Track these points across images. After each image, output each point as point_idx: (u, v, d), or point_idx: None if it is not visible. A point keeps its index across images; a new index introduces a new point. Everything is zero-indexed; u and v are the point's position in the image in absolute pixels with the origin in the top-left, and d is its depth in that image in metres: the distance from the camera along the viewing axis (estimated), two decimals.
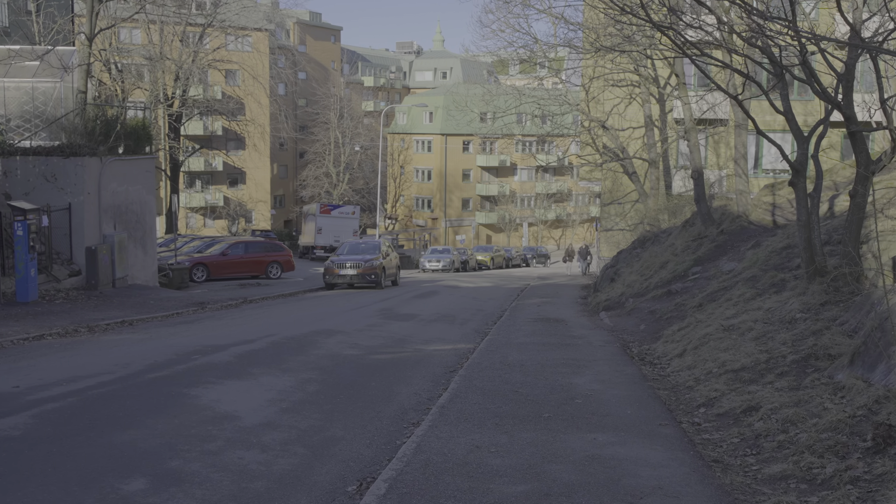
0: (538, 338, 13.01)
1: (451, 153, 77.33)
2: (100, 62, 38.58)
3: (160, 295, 19.25)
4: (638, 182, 30.86)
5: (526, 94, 34.91)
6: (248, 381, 8.76)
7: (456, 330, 14.79)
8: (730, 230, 18.30)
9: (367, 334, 13.34)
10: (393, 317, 16.54)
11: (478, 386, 8.63)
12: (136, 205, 20.87)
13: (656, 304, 15.49)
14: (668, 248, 20.10)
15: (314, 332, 13.12)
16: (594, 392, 8.36)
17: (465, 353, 11.79)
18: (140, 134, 20.90)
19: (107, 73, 38.52)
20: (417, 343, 12.65)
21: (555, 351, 11.50)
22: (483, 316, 17.68)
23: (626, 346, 12.38)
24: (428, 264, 44.04)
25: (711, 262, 16.87)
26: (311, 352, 10.99)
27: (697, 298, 14.38)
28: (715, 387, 8.41)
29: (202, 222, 65.04)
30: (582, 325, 15.13)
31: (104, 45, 38.18)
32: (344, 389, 8.61)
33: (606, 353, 11.51)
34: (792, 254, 14.70)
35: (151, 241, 21.75)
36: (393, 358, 11.01)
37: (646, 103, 30.16)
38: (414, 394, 8.63)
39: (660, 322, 14.15)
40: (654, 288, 16.98)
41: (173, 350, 10.64)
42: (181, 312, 16.33)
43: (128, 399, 7.70)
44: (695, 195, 19.04)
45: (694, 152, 19.04)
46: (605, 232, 36.15)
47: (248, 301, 19.75)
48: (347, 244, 28.21)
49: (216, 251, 30.32)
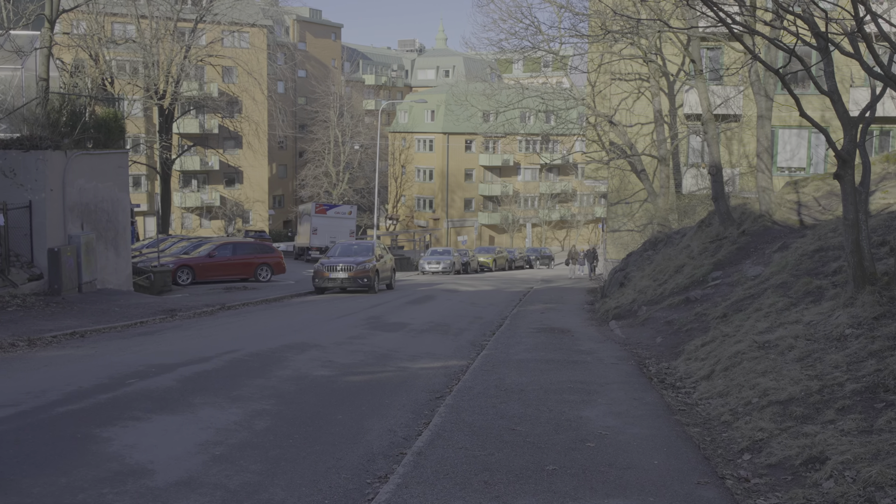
0: (541, 353, 11.41)
1: (454, 152, 75.69)
2: (91, 57, 37.23)
3: (130, 301, 17.67)
4: (647, 180, 29.24)
5: (529, 89, 33.37)
6: (184, 415, 7.15)
7: (449, 343, 13.19)
8: (752, 231, 16.67)
9: (347, 349, 11.74)
10: (380, 326, 14.94)
11: (466, 421, 7.04)
12: (107, 203, 19.30)
13: (673, 314, 13.87)
14: (682, 250, 18.47)
15: (286, 347, 11.52)
16: (610, 431, 6.75)
17: (456, 372, 10.19)
18: (112, 126, 19.33)
19: (96, 68, 37.09)
20: (403, 359, 11.05)
21: (560, 370, 9.89)
22: (481, 325, 16.08)
23: (642, 364, 10.77)
24: (427, 266, 42.43)
25: (733, 266, 15.25)
26: (275, 373, 9.38)
27: (721, 308, 12.76)
28: (759, 424, 6.79)
29: (198, 222, 63.53)
30: (590, 337, 13.51)
31: (93, 39, 36.78)
32: (302, 426, 7.01)
33: (620, 373, 9.90)
34: (826, 257, 13.08)
35: (125, 243, 20.17)
36: (371, 380, 9.41)
37: (655, 97, 28.55)
38: (388, 430, 7.03)
39: (679, 335, 12.53)
40: (669, 295, 15.36)
41: (109, 372, 9.05)
42: (146, 321, 14.76)
43: (13, 445, 6.08)
44: (713, 193, 17.45)
45: (712, 145, 17.46)
46: (611, 233, 34.50)
47: (226, 307, 18.16)
48: (339, 245, 26.61)
49: (202, 253, 28.76)
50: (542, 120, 52.43)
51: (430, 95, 75.86)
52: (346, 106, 70.17)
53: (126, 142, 21.02)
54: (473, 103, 31.73)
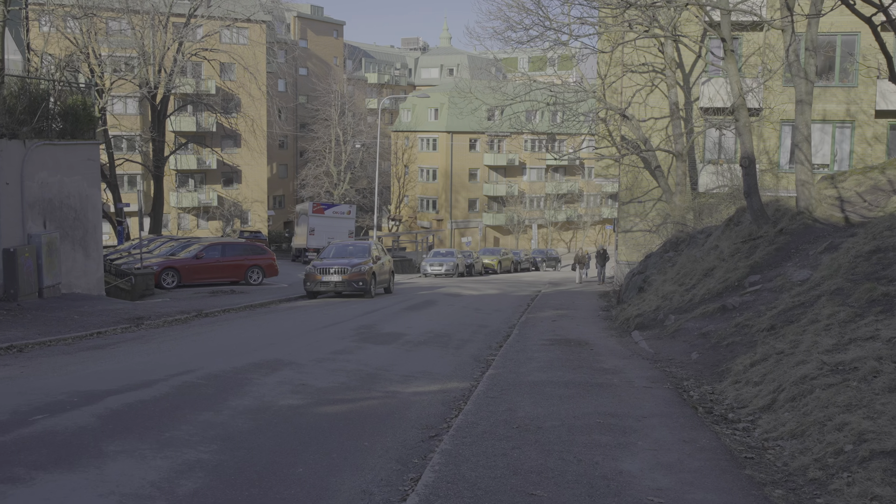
0: (558, 372, 9.58)
1: (458, 151, 73.81)
2: (79, 49, 35.54)
3: (96, 308, 15.88)
4: (662, 178, 27.40)
5: (538, 82, 31.58)
6: (84, 472, 5.32)
7: (449, 358, 11.37)
8: (791, 229, 14.81)
9: (328, 367, 9.92)
10: (372, 338, 13.11)
11: (468, 479, 5.22)
12: (75, 199, 17.52)
13: (708, 324, 12.02)
14: (710, 251, 16.62)
15: (254, 366, 9.70)
16: (665, 497, 4.92)
17: (456, 398, 8.38)
18: (80, 115, 17.54)
19: (85, 62, 35.47)
20: (393, 381, 9.23)
21: (584, 397, 8.07)
22: (486, 335, 14.26)
23: (681, 388, 8.94)
24: (430, 268, 40.59)
25: (773, 270, 13.39)
26: (230, 402, 7.57)
27: (766, 318, 10.91)
28: (870, 488, 4.96)
29: (195, 223, 61.77)
30: (613, 352, 11.67)
31: (84, 33, 35.09)
32: (245, 487, 5.19)
33: (657, 400, 8.07)
34: (886, 260, 11.23)
35: (95, 243, 18.38)
36: (350, 411, 7.59)
37: (671, 88, 26.74)
38: (361, 493, 5.20)
39: (718, 350, 10.69)
40: (701, 302, 13.51)
41: (17, 402, 7.23)
42: (104, 332, 12.96)
43: None
44: (745, 187, 15.60)
45: (744, 134, 15.63)
46: (623, 233, 32.61)
47: (203, 314, 16.36)
48: (333, 246, 24.75)
49: (189, 254, 26.99)
50: (549, 119, 50.55)
51: (433, 93, 74.04)
52: (349, 104, 68.36)
53: (98, 133, 19.22)
54: (478, 96, 29.89)
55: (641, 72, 28.36)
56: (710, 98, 29.53)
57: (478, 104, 29.03)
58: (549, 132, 50.70)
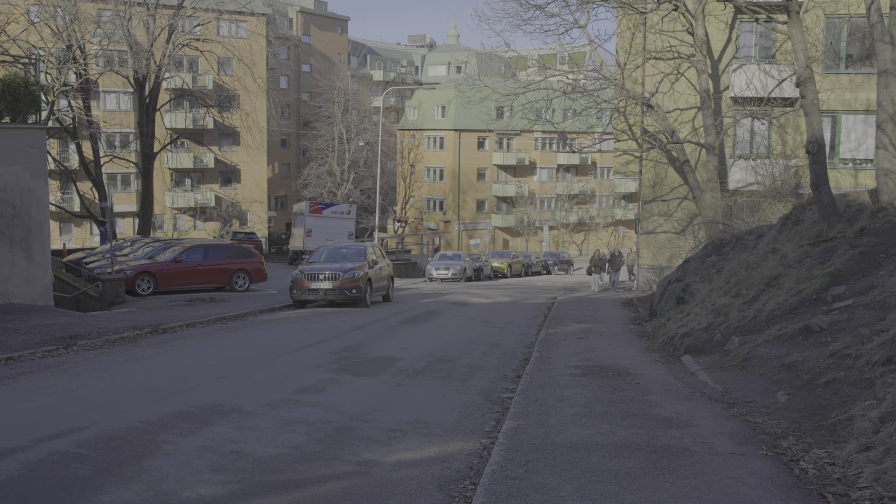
0: (603, 426, 6.83)
1: (466, 150, 71.00)
2: (61, 39, 33.05)
3: (30, 322, 13.21)
4: (691, 173, 24.67)
5: (551, 69, 28.88)
6: None
7: (451, 396, 8.62)
8: (874, 229, 12.02)
9: (283, 416, 7.19)
10: (355, 365, 10.37)
11: None
12: (13, 193, 14.87)
13: (791, 352, 9.23)
14: (767, 255, 13.83)
15: (178, 416, 6.96)
16: None
17: (458, 475, 5.65)
18: (20, 94, 14.91)
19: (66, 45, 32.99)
20: (371, 441, 6.50)
21: (651, 476, 5.33)
22: (499, 359, 11.52)
23: (781, 451, 6.18)
24: (435, 272, 37.88)
25: (862, 279, 10.60)
26: (103, 495, 4.84)
27: (876, 345, 8.14)
28: None
29: (192, 224, 59.13)
30: (666, 387, 8.90)
31: (69, 24, 32.60)
32: None
33: (759, 480, 5.33)
34: None
35: (40, 244, 15.69)
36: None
37: (702, 74, 24.02)
38: None
39: (816, 391, 7.91)
40: (770, 319, 10.72)
41: None
42: (17, 357, 10.26)
43: None
44: (812, 177, 12.84)
45: (812, 114, 12.87)
46: (645, 235, 29.70)
47: (160, 331, 13.65)
48: (325, 249, 21.99)
49: (168, 257, 24.36)
50: (562, 115, 47.72)
51: (441, 90, 71.33)
52: (353, 102, 65.66)
53: (40, 116, 16.59)
54: (488, 83, 27.14)
55: (666, 58, 25.64)
56: (741, 87, 26.76)
57: (488, 92, 26.22)
58: (563, 129, 47.77)
